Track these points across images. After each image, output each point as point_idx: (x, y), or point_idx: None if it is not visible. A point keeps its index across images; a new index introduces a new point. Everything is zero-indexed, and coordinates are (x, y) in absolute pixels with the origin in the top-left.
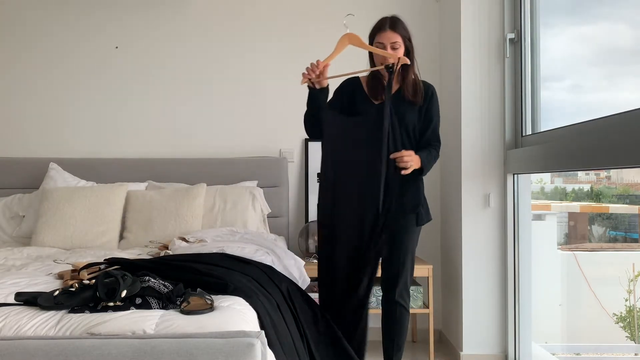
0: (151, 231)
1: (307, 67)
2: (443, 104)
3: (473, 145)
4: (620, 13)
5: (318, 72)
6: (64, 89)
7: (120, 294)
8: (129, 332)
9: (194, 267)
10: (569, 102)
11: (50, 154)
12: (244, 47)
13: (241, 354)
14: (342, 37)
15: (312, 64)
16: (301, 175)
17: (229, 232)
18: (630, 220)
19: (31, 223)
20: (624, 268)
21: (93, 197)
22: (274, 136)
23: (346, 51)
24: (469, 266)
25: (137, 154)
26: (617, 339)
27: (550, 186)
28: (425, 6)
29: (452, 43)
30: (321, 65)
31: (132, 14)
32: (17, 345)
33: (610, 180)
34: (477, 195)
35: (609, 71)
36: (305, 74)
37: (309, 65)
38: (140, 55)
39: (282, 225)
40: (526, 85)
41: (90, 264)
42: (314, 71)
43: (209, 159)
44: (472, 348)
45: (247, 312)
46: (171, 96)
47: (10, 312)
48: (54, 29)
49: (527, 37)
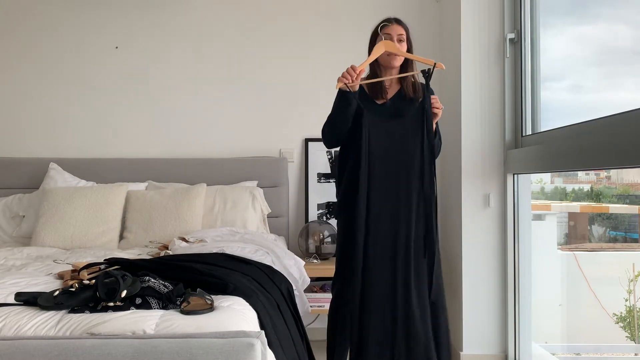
0: (151, 231)
1: (344, 72)
2: (443, 104)
3: (473, 145)
4: (619, 13)
5: (355, 76)
6: (64, 89)
7: (120, 294)
8: (129, 332)
9: (194, 267)
10: (569, 102)
11: (50, 154)
12: (244, 47)
13: (241, 354)
14: (379, 44)
15: (349, 69)
16: (301, 175)
17: (229, 232)
18: (630, 220)
19: (31, 223)
20: (624, 268)
21: (93, 197)
22: (274, 136)
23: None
24: (469, 266)
25: (137, 154)
26: (617, 339)
27: (550, 186)
28: (425, 6)
29: (452, 43)
30: (357, 70)
31: (132, 14)
32: (17, 345)
33: (610, 180)
34: (477, 195)
35: (609, 71)
36: (342, 78)
37: (344, 70)
38: (140, 55)
39: (282, 225)
40: (526, 85)
41: (90, 264)
42: (351, 75)
43: (209, 159)
44: (472, 348)
45: (247, 312)
46: (171, 96)
47: (10, 312)
48: (53, 29)
49: (527, 37)
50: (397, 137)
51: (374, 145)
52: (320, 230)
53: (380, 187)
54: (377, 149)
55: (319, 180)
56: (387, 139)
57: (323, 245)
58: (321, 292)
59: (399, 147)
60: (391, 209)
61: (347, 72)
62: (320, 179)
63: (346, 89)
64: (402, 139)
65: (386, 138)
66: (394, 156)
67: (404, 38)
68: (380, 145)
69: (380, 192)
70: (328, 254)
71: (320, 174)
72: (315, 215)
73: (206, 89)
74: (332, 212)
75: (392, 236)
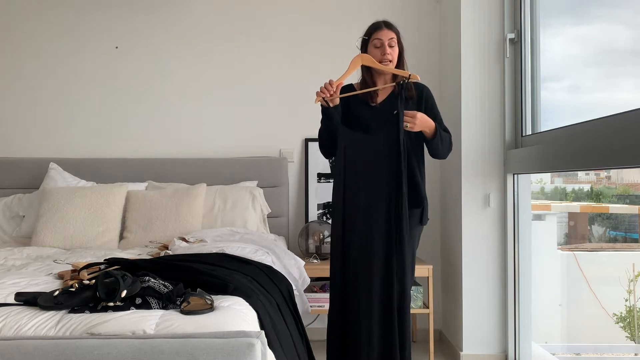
0: (151, 231)
1: (321, 87)
2: (443, 104)
3: (473, 145)
4: (618, 14)
5: (332, 91)
6: (64, 89)
7: (120, 294)
8: (129, 332)
9: (194, 267)
10: (568, 102)
11: (50, 154)
12: (245, 47)
13: (241, 354)
14: (356, 58)
15: (326, 84)
16: (301, 175)
17: (229, 232)
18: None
19: (31, 223)
20: (624, 268)
21: (93, 197)
22: (274, 136)
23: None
24: (469, 266)
25: (137, 154)
26: (617, 339)
27: (550, 186)
28: (425, 6)
29: (452, 43)
30: (334, 85)
31: (133, 14)
32: (17, 345)
33: (610, 180)
34: (477, 195)
35: (608, 71)
36: (320, 92)
37: (322, 85)
38: (141, 55)
39: (282, 225)
40: (526, 85)
41: (90, 264)
42: (328, 90)
43: (209, 159)
44: (472, 348)
45: (247, 312)
46: (171, 96)
47: (10, 312)
48: (53, 29)
49: (527, 37)
50: (372, 153)
51: (350, 161)
52: (320, 230)
53: (358, 203)
54: (354, 164)
55: (319, 180)
56: (364, 154)
57: (323, 245)
58: (321, 292)
59: (375, 162)
60: (367, 223)
61: (325, 87)
62: (320, 179)
63: (325, 104)
64: (378, 154)
65: (363, 154)
66: (371, 170)
67: (394, 42)
68: (357, 159)
69: (358, 207)
70: (328, 254)
71: (320, 174)
72: (315, 215)
73: (206, 90)
74: (331, 212)
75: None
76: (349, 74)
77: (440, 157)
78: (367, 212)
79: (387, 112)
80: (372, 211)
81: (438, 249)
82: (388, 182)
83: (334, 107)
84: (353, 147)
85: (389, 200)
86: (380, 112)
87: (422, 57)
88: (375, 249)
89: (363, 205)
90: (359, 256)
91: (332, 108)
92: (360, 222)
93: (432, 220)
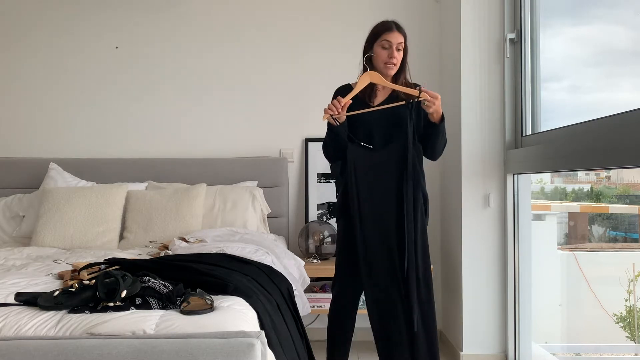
0: (151, 231)
1: (329, 104)
2: (443, 104)
3: (473, 145)
4: (617, 14)
5: (340, 109)
6: (64, 89)
7: (120, 294)
8: (129, 332)
9: (194, 267)
10: (568, 102)
11: (50, 154)
12: (244, 47)
13: (241, 354)
14: (364, 75)
15: (335, 102)
16: (301, 175)
17: (229, 232)
18: (630, 220)
19: (31, 223)
20: (624, 268)
21: (93, 197)
22: (274, 136)
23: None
24: (469, 266)
25: (137, 154)
26: (617, 339)
27: (550, 186)
28: (425, 6)
29: (452, 43)
30: (343, 102)
31: (133, 14)
32: (17, 345)
33: (610, 180)
34: (477, 195)
35: (607, 72)
36: (327, 110)
37: (330, 103)
38: (140, 55)
39: (282, 225)
40: (526, 85)
41: (90, 264)
42: (337, 108)
43: (209, 159)
44: (472, 348)
45: (247, 313)
46: (171, 96)
47: (10, 312)
48: (53, 29)
49: (527, 37)
50: (380, 167)
51: (360, 176)
52: (320, 230)
53: (370, 213)
54: (363, 179)
55: (319, 180)
56: (372, 169)
57: (323, 245)
58: (321, 292)
59: (383, 176)
60: (382, 228)
61: (333, 104)
62: (320, 179)
63: (332, 122)
64: (385, 167)
65: (370, 168)
66: (380, 184)
67: (402, 47)
68: (366, 175)
69: (371, 218)
70: (328, 254)
71: (320, 174)
72: (315, 215)
73: (206, 89)
74: (332, 212)
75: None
76: (356, 92)
77: (437, 150)
78: (379, 231)
79: (387, 114)
80: (384, 238)
81: (438, 249)
82: (397, 199)
83: (341, 124)
84: (362, 169)
85: (399, 213)
86: (379, 112)
87: (422, 57)
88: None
89: (374, 221)
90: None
91: (339, 126)
92: (372, 227)
93: (432, 220)
